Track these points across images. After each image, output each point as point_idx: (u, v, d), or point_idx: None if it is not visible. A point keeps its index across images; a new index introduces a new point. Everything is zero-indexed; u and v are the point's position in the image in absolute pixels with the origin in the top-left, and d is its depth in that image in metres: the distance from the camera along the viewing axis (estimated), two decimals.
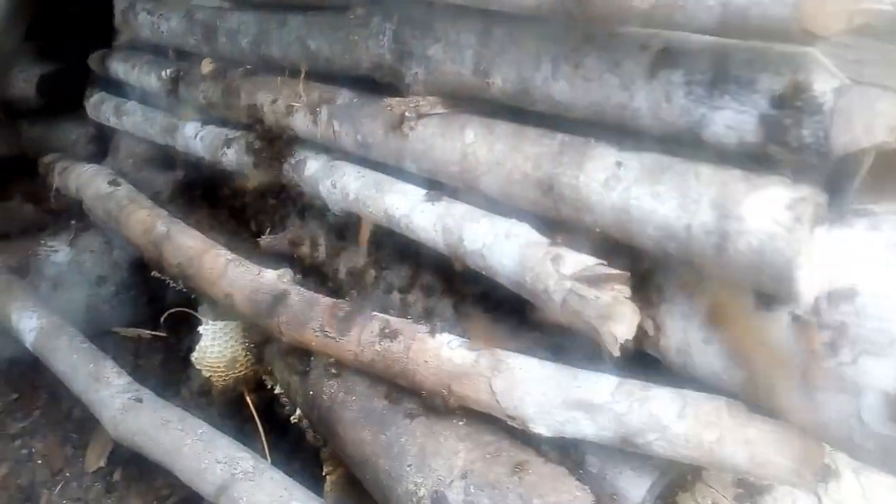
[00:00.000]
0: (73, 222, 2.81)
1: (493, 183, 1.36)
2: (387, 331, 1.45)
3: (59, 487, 2.10)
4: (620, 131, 1.17)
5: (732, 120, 1.01)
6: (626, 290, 1.12)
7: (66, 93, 3.08)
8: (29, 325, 2.28)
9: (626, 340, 1.11)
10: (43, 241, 2.75)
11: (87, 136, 3.18)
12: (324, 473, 1.68)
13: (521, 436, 1.30)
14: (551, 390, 1.20)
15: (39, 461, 2.21)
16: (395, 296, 1.70)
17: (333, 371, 1.59)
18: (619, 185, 1.12)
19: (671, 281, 1.18)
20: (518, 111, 1.35)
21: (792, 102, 0.94)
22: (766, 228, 0.95)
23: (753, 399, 1.09)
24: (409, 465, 1.34)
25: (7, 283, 2.49)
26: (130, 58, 2.71)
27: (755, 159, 1.02)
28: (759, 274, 0.98)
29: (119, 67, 2.75)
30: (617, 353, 1.10)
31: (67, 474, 2.16)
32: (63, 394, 2.20)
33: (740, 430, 1.07)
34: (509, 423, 1.26)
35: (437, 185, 1.53)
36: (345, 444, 1.52)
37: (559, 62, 1.21)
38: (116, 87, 2.86)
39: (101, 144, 3.08)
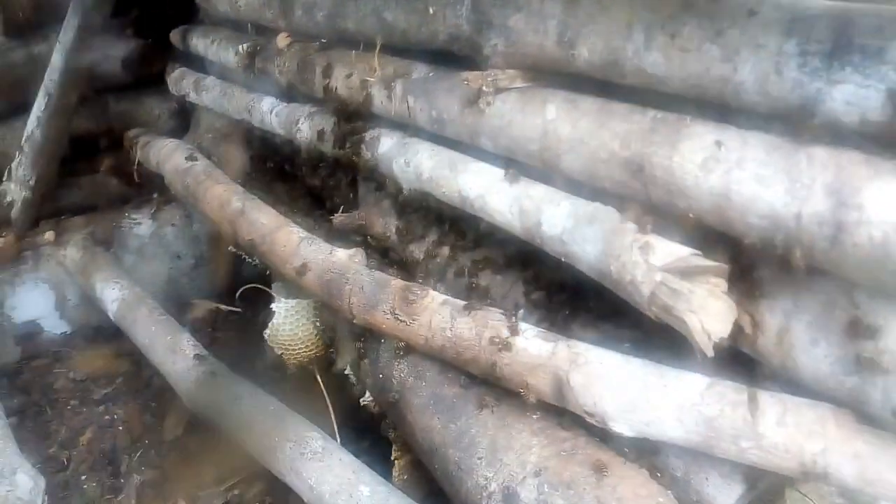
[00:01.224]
0: (155, 196, 2.89)
1: (575, 162, 1.27)
2: (459, 317, 1.39)
3: (138, 454, 2.17)
4: (721, 108, 1.07)
5: (854, 95, 0.90)
6: (722, 284, 1.03)
7: (149, 68, 3.14)
8: (112, 295, 2.36)
9: (721, 338, 1.02)
10: (127, 214, 2.84)
11: (169, 110, 3.25)
12: (392, 458, 1.65)
13: (598, 433, 1.22)
14: (635, 388, 1.12)
15: (121, 427, 2.28)
16: (468, 280, 1.63)
17: (403, 355, 1.55)
18: (719, 167, 1.01)
19: (774, 274, 1.07)
20: (605, 85, 1.25)
21: None
22: (891, 219, 0.85)
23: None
24: (479, 458, 1.29)
25: (92, 254, 2.58)
26: (210, 33, 2.72)
27: (879, 141, 0.90)
28: (880, 270, 0.87)
29: (199, 43, 2.77)
30: (710, 353, 1.01)
31: (146, 441, 2.23)
32: (143, 362, 2.26)
33: (848, 442, 0.97)
34: (587, 419, 1.19)
35: (514, 165, 1.45)
36: (413, 431, 1.48)
37: (653, 31, 1.11)
38: (197, 63, 2.89)
39: (184, 119, 3.14)
